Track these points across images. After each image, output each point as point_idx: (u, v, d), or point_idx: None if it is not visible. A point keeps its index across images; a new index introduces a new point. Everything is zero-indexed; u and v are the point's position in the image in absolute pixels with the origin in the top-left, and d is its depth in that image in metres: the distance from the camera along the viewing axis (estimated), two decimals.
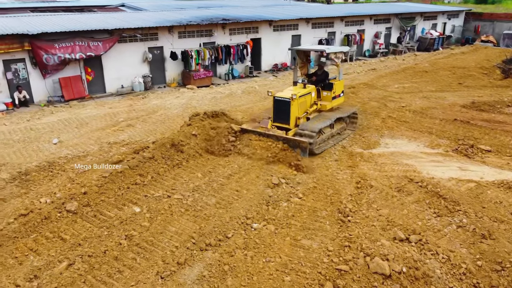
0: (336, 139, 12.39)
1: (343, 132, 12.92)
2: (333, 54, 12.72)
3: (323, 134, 11.87)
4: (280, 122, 11.77)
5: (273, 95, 11.83)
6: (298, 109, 11.77)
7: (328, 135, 12.17)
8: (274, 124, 11.78)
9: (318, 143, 11.53)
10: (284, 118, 11.68)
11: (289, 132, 11.52)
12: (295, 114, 11.70)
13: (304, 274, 6.73)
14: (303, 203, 8.91)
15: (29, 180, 10.17)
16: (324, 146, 11.81)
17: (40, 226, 8.04)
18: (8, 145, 12.39)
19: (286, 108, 11.55)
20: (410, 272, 6.65)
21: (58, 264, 7.00)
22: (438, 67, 24.21)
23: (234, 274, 6.69)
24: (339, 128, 12.75)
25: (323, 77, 13.10)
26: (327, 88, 12.90)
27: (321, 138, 11.75)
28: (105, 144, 12.48)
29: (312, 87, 12.46)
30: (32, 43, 16.40)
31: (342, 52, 13.26)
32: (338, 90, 13.08)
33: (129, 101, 17.58)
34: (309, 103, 12.31)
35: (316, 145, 11.36)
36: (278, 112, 11.79)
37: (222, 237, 7.69)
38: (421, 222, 8.02)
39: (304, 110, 12.05)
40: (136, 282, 6.42)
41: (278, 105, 11.74)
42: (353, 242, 7.49)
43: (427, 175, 9.90)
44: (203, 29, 21.39)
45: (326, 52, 12.29)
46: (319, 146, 11.64)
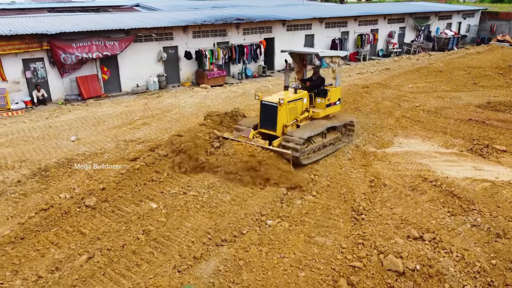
0: (328, 150, 11.46)
1: (337, 143, 11.96)
2: (328, 58, 11.82)
3: (312, 143, 10.92)
4: (267, 129, 10.96)
5: (260, 99, 11.05)
6: (287, 115, 10.90)
7: (319, 145, 11.14)
8: (261, 130, 11.05)
9: (306, 152, 10.65)
10: (270, 124, 10.85)
11: (275, 140, 10.67)
12: (283, 121, 10.83)
13: (318, 270, 6.83)
14: (316, 201, 9.00)
15: (49, 176, 10.45)
16: (313, 156, 10.90)
17: (60, 220, 8.28)
18: (28, 142, 12.71)
19: (273, 114, 10.71)
20: (424, 269, 6.70)
21: (78, 257, 7.21)
22: (453, 67, 23.99)
23: (249, 269, 6.81)
24: (333, 138, 11.71)
25: (318, 83, 12.11)
26: (321, 94, 11.91)
27: (310, 148, 10.77)
28: (121, 141, 12.72)
29: (304, 93, 11.52)
30: (51, 43, 16.76)
31: (338, 56, 12.17)
32: (333, 97, 12.05)
33: (144, 100, 17.84)
34: (299, 110, 11.38)
35: (303, 155, 10.51)
36: (264, 117, 10.99)
37: (237, 233, 7.82)
38: (435, 221, 8.05)
39: (293, 117, 11.14)
40: (154, 275, 6.58)
41: (265, 110, 10.92)
42: (367, 240, 7.56)
43: (441, 174, 9.90)
44: (217, 29, 21.56)
45: (319, 55, 11.50)
46: (308, 156, 10.75)
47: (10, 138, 13.03)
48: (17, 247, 7.49)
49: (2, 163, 11.18)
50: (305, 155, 10.61)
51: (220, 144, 10.55)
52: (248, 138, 10.58)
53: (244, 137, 10.63)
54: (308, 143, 10.76)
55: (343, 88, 19.04)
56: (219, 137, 10.78)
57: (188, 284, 6.21)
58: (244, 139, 10.53)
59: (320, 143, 11.19)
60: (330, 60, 11.89)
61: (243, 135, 10.76)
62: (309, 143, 10.81)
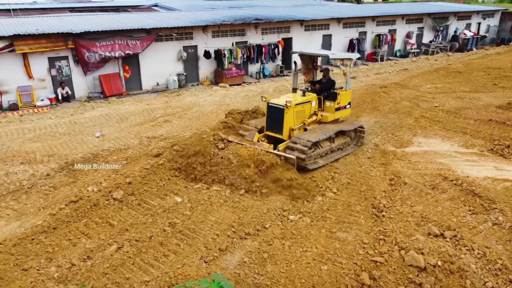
0: (336, 155, 11.10)
1: (345, 148, 11.58)
2: (339, 61, 11.46)
3: (320, 148, 10.63)
4: (273, 132, 10.75)
5: (267, 101, 10.81)
6: (294, 118, 10.63)
7: (327, 150, 10.83)
8: (267, 133, 10.87)
9: (313, 157, 10.39)
10: (277, 127, 10.62)
11: (281, 144, 10.32)
12: (290, 124, 10.56)
13: (340, 264, 6.99)
14: (337, 198, 9.15)
15: (76, 170, 10.81)
16: (320, 161, 10.56)
17: (89, 212, 8.61)
18: (55, 138, 13.13)
19: (279, 117, 10.49)
20: (445, 266, 6.80)
21: (108, 246, 7.51)
22: (472, 67, 23.80)
23: (273, 261, 7.01)
24: (341, 143, 11.35)
25: (327, 86, 11.86)
26: (331, 98, 11.63)
27: (317, 153, 10.49)
28: (144, 138, 13.05)
29: (313, 96, 11.24)
30: (75, 42, 17.22)
31: (350, 59, 11.77)
32: (343, 101, 11.72)
33: (164, 98, 18.19)
34: (307, 113, 11.11)
35: (310, 160, 10.21)
36: (271, 120, 10.77)
37: (260, 227, 8.03)
38: (456, 219, 8.12)
39: (301, 120, 10.91)
40: (182, 265, 6.83)
41: (271, 113, 10.67)
42: (388, 236, 7.68)
43: (462, 173, 9.94)
44: (236, 29, 21.83)
45: (330, 58, 11.30)
46: (315, 161, 10.45)
47: (37, 133, 13.48)
48: (50, 237, 7.83)
49: (31, 157, 11.59)
50: (311, 160, 10.33)
51: (225, 145, 10.15)
52: (253, 142, 10.22)
53: (248, 141, 10.27)
54: (315, 147, 10.49)
55: (360, 88, 19.23)
56: (223, 138, 10.41)
57: (215, 273, 6.43)
58: (248, 142, 10.15)
59: (328, 148, 10.88)
60: (341, 63, 11.53)
61: (248, 138, 10.45)
62: (316, 147, 10.53)
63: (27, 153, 11.86)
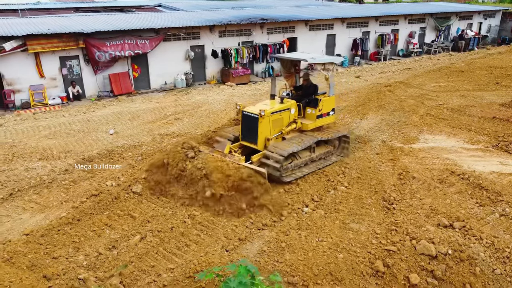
0: (317, 165, 10.57)
1: (328, 158, 11.02)
2: (319, 65, 10.74)
3: (298, 159, 10.11)
4: (248, 141, 10.15)
5: (241, 109, 10.20)
6: (270, 127, 9.99)
7: (306, 160, 10.33)
8: (242, 143, 10.29)
9: (290, 169, 9.91)
10: (251, 137, 10.01)
11: (255, 155, 9.78)
12: (265, 134, 9.93)
13: (355, 253, 7.31)
14: (349, 191, 9.48)
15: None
16: (298, 172, 10.05)
17: (111, 204, 8.94)
18: (70, 135, 13.46)
19: (254, 126, 9.83)
20: (455, 254, 7.13)
21: (132, 237, 7.84)
22: (474, 66, 24.15)
23: (291, 250, 7.34)
24: (323, 153, 10.83)
25: (309, 92, 11.17)
26: (312, 104, 10.89)
27: (294, 164, 9.99)
28: (157, 135, 13.38)
29: (292, 103, 10.43)
30: (86, 41, 17.54)
31: (332, 63, 11.03)
32: (326, 107, 10.94)
33: (173, 97, 18.52)
34: (286, 121, 10.39)
35: (286, 171, 9.77)
36: (245, 129, 10.16)
37: (277, 218, 8.36)
38: (464, 211, 8.46)
39: (278, 129, 10.22)
40: (205, 253, 7.17)
41: (245, 121, 10.08)
42: (399, 227, 8.01)
43: (468, 168, 10.27)
44: (242, 29, 22.15)
45: (308, 62, 10.58)
46: (292, 172, 9.97)
47: (53, 130, 13.80)
48: (75, 228, 8.16)
49: (49, 154, 11.92)
50: (288, 172, 9.86)
51: (195, 154, 9.37)
52: (223, 153, 9.56)
53: (219, 152, 9.62)
54: (293, 158, 10.00)
55: (366, 87, 19.56)
56: (194, 147, 9.60)
57: (237, 260, 6.75)
58: (219, 153, 9.47)
59: (307, 158, 10.36)
60: (323, 68, 10.75)
61: (219, 149, 9.82)
62: (294, 158, 10.03)
63: (44, 150, 12.19)
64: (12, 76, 16.70)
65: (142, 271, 6.95)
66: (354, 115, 15.16)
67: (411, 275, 6.86)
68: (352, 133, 13.19)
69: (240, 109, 10.29)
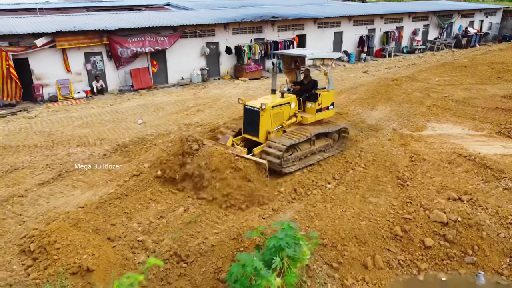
0: (317, 157, 10.94)
1: (328, 150, 11.38)
2: (319, 61, 11.05)
3: (298, 151, 10.53)
4: (249, 134, 10.65)
5: (243, 103, 10.67)
6: (271, 121, 10.46)
7: (306, 153, 10.71)
8: (244, 136, 10.81)
9: (290, 160, 10.31)
10: (253, 130, 10.49)
11: (256, 148, 10.32)
12: (266, 127, 10.40)
13: (375, 220, 8.30)
14: (366, 171, 10.47)
15: (129, 151, 12.12)
16: (298, 164, 10.47)
17: (152, 183, 9.91)
18: (102, 124, 14.44)
19: (255, 119, 10.32)
20: (464, 221, 8.10)
21: (176, 209, 8.84)
22: (476, 62, 25.12)
23: (319, 218, 8.33)
24: (323, 145, 11.18)
25: (309, 86, 11.61)
26: (312, 99, 11.36)
27: (294, 156, 10.40)
28: (182, 125, 14.35)
29: (292, 97, 10.95)
30: (110, 38, 18.53)
31: (330, 58, 11.39)
32: (325, 102, 11.41)
33: (192, 91, 19.50)
34: (286, 115, 10.86)
35: (287, 163, 10.19)
36: (247, 123, 10.67)
37: (303, 193, 9.36)
38: (471, 186, 9.43)
39: (279, 122, 10.69)
40: (245, 220, 8.16)
41: (247, 115, 10.57)
42: (413, 200, 8.99)
43: (474, 151, 11.25)
44: (254, 26, 23.14)
45: (308, 58, 10.87)
46: (292, 164, 10.39)
47: (85, 121, 14.79)
48: (124, 202, 9.14)
49: (85, 141, 12.90)
50: (289, 163, 10.30)
51: (199, 147, 9.80)
52: (226, 146, 9.99)
53: (222, 145, 10.04)
54: (293, 150, 10.43)
55: (374, 81, 20.53)
56: (198, 140, 10.05)
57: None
58: (222, 146, 9.91)
59: (308, 150, 10.75)
60: (322, 63, 11.10)
61: (222, 142, 10.30)
62: (294, 150, 10.46)
63: (80, 137, 13.18)
64: (41, 71, 17.69)
65: (190, 235, 7.95)
66: (365, 107, 16.14)
67: (426, 239, 7.86)
68: (363, 122, 14.21)
69: (242, 103, 10.68)
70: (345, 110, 15.60)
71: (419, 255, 7.72)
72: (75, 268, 6.76)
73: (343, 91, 18.75)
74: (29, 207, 9.00)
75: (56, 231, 7.49)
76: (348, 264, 7.39)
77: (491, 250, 7.65)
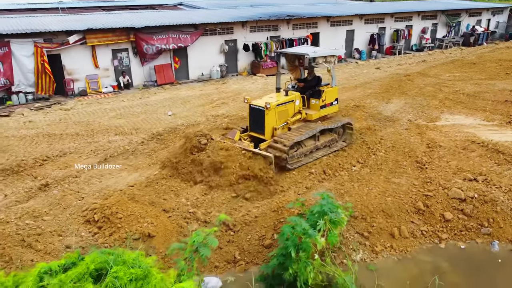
0: (322, 152, 11.34)
1: (333, 145, 11.75)
2: (321, 58, 11.22)
3: (303, 147, 10.89)
4: (256, 132, 11.00)
5: (249, 103, 10.98)
6: (276, 118, 10.79)
7: (311, 148, 11.09)
8: (251, 134, 11.16)
9: (296, 157, 10.69)
10: (259, 128, 10.84)
11: (263, 143, 10.66)
12: (271, 124, 10.74)
13: (399, 197, 9.20)
14: (387, 156, 11.37)
15: (164, 139, 13.07)
16: (304, 160, 10.86)
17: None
18: (134, 115, 15.41)
19: (260, 118, 10.66)
20: (480, 198, 8.99)
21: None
22: (485, 59, 25.92)
23: (349, 195, 9.24)
24: (328, 140, 11.53)
25: (313, 83, 11.89)
26: (316, 95, 11.62)
27: (299, 152, 10.78)
28: (209, 116, 15.29)
29: (296, 95, 11.24)
30: (136, 35, 19.50)
31: (333, 55, 11.62)
32: (329, 98, 11.73)
33: (213, 86, 20.45)
34: (291, 112, 11.18)
35: (292, 159, 10.56)
36: (253, 121, 11.01)
37: (331, 173, 10.28)
38: (485, 168, 10.31)
39: (284, 120, 11.01)
40: (283, 196, 9.09)
41: (253, 114, 10.92)
42: (433, 180, 9.88)
43: (486, 139, 12.12)
44: (271, 24, 24.06)
45: (310, 57, 10.78)
46: (298, 160, 10.76)
47: (118, 112, 15.77)
48: (169, 181, 10.07)
49: (122, 130, 13.86)
50: (294, 159, 10.64)
51: (207, 141, 10.30)
52: (233, 140, 10.46)
53: (230, 139, 10.53)
54: (298, 146, 10.76)
55: (387, 77, 21.40)
56: (206, 135, 10.55)
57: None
58: (230, 140, 10.40)
59: (312, 146, 11.12)
60: (324, 60, 11.33)
61: (229, 136, 10.72)
62: (299, 146, 10.80)
63: (117, 127, 14.14)
64: (72, 67, 18.67)
65: (233, 209, 8.88)
66: (380, 100, 17.02)
67: (445, 213, 8.76)
68: (380, 114, 15.10)
69: (248, 103, 11.01)
70: (362, 103, 16.49)
71: (439, 227, 8.62)
72: (138, 234, 7.71)
73: (358, 86, 19.64)
74: (84, 186, 9.97)
75: (116, 204, 8.46)
76: (377, 233, 8.30)
77: (505, 222, 8.53)
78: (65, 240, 7.80)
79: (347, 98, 17.30)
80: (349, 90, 18.94)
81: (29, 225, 8.17)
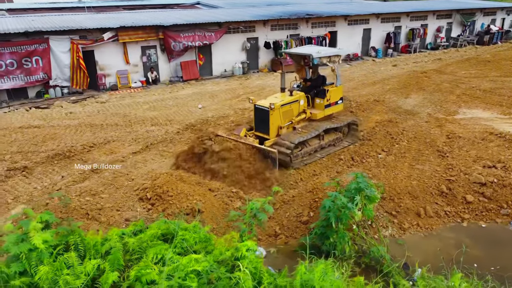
0: (327, 151, 11.51)
1: (338, 144, 11.92)
2: (325, 58, 11.38)
3: (307, 146, 11.07)
4: (261, 132, 11.10)
5: (254, 103, 11.09)
6: (280, 118, 10.90)
7: (315, 147, 11.28)
8: (256, 133, 11.25)
9: (300, 156, 10.92)
10: (264, 128, 10.95)
11: (268, 141, 10.83)
12: (276, 124, 10.85)
13: (424, 181, 9.96)
14: (410, 145, 12.13)
15: (198, 129, 13.95)
16: (308, 159, 11.03)
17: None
18: (167, 108, 16.35)
19: (265, 118, 10.75)
20: (499, 182, 9.71)
21: None
22: (499, 57, 26.46)
23: (377, 179, 10.03)
24: (332, 140, 11.71)
25: (318, 83, 12.02)
26: (320, 95, 11.72)
27: (304, 151, 10.97)
28: (237, 109, 16.16)
29: (301, 94, 11.36)
30: (165, 33, 20.45)
31: (337, 55, 11.72)
32: (333, 97, 11.84)
33: (236, 81, 21.34)
34: (295, 112, 11.27)
35: (297, 158, 10.79)
36: (258, 121, 11.12)
37: (359, 161, 11.07)
38: (503, 157, 10.99)
39: (288, 119, 11.11)
40: (317, 178, 9.91)
41: (258, 114, 11.04)
42: (454, 167, 10.61)
43: (504, 130, 12.81)
44: (290, 23, 24.87)
45: (315, 57, 10.92)
46: (302, 159, 10.98)
47: (151, 105, 16.72)
48: None
49: (157, 121, 14.79)
50: (298, 158, 10.84)
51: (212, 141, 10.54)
52: (239, 136, 10.67)
53: (236, 135, 10.74)
54: (302, 146, 10.92)
55: (404, 74, 22.10)
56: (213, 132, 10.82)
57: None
58: (236, 137, 10.60)
59: (317, 145, 11.30)
60: (328, 60, 11.44)
61: (235, 133, 10.95)
62: (303, 146, 10.95)
63: (152, 119, 15.07)
64: (104, 63, 19.68)
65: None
66: (399, 95, 17.75)
67: (467, 196, 9.50)
68: (400, 108, 15.84)
69: (253, 103, 11.15)
70: (381, 98, 17.23)
71: (461, 208, 9.36)
72: (188, 210, 8.59)
73: (377, 82, 20.38)
74: (131, 169, 10.89)
75: (166, 184, 9.33)
76: (404, 213, 9.08)
77: None
78: (124, 214, 8.71)
79: (367, 93, 18.06)
80: (368, 86, 19.69)
81: (90, 201, 9.10)
